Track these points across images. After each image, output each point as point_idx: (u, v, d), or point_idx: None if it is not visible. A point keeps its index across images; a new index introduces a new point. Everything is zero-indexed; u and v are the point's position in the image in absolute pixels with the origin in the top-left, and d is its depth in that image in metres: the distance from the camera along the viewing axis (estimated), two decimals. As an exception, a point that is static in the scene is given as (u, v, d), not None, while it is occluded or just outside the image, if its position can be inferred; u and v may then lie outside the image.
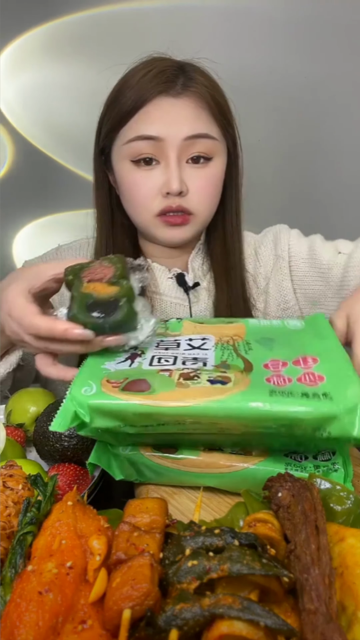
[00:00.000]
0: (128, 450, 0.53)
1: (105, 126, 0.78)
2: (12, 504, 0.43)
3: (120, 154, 0.76)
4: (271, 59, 1.26)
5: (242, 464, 0.51)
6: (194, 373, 0.48)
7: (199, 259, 0.88)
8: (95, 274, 0.53)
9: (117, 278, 0.52)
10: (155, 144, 0.73)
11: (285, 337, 0.55)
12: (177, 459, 0.52)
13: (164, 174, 0.75)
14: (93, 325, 0.50)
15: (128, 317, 0.51)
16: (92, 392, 0.47)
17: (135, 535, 0.38)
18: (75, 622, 0.33)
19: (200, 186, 0.76)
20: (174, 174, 0.73)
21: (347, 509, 0.42)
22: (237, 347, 0.53)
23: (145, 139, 0.73)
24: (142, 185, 0.76)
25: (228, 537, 0.36)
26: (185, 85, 0.73)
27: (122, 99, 0.74)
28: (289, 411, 0.43)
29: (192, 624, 0.31)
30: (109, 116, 0.77)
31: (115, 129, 0.76)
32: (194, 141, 0.74)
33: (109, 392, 0.46)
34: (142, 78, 0.73)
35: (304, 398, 0.44)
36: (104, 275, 0.53)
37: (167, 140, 0.73)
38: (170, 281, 0.86)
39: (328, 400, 0.44)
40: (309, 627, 0.31)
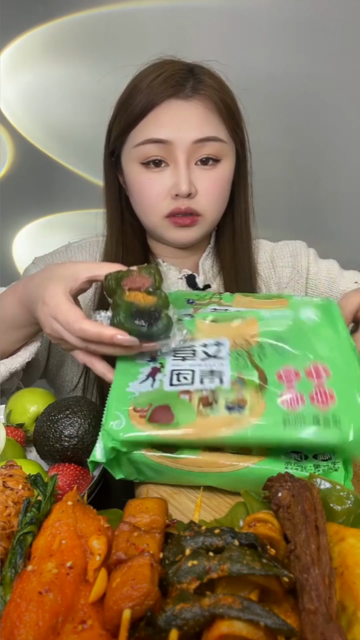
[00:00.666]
0: (129, 449, 0.53)
1: (116, 129, 0.79)
2: (12, 504, 0.43)
3: (130, 156, 0.77)
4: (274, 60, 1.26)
5: (242, 463, 0.51)
6: (212, 397, 0.51)
7: (209, 261, 0.89)
8: (135, 282, 0.56)
9: (155, 288, 0.56)
10: (165, 146, 0.74)
11: (298, 336, 0.57)
12: (177, 458, 0.52)
13: (173, 176, 0.76)
14: (137, 332, 0.53)
15: (166, 327, 0.54)
16: (122, 425, 0.51)
17: (135, 535, 0.38)
18: (75, 622, 0.33)
19: (208, 188, 0.77)
20: (183, 176, 0.74)
21: (347, 509, 0.42)
22: (251, 354, 0.55)
23: (155, 142, 0.74)
24: (151, 187, 0.77)
25: (228, 537, 0.36)
26: (195, 89, 0.74)
27: (132, 102, 0.75)
28: (300, 438, 0.47)
29: (192, 624, 0.31)
30: (119, 119, 0.78)
31: (125, 132, 0.77)
32: (203, 144, 0.75)
33: (137, 424, 0.50)
34: (152, 82, 0.74)
35: (315, 425, 0.48)
36: (142, 285, 0.56)
37: (176, 143, 0.74)
38: (180, 282, 0.87)
39: (337, 430, 0.47)
40: (309, 627, 0.31)
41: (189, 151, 0.74)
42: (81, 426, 0.58)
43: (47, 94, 1.42)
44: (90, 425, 0.59)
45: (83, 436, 0.58)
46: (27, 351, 0.72)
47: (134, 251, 0.86)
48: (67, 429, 0.58)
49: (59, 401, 0.63)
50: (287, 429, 0.48)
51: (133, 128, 0.76)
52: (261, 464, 0.50)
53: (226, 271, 0.88)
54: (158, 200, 0.77)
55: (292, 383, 0.51)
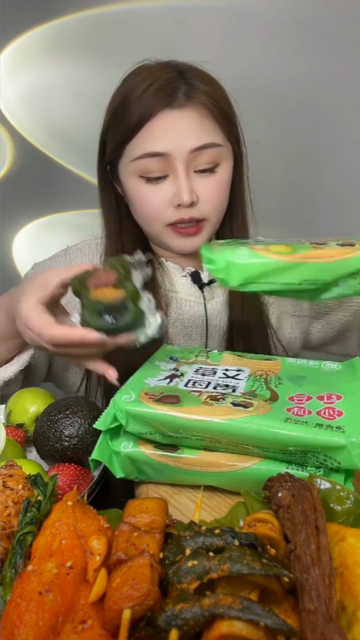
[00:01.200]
0: (129, 448, 0.53)
1: (110, 143, 0.78)
2: (12, 504, 0.43)
3: (128, 169, 0.77)
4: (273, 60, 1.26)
5: (242, 463, 0.51)
6: (220, 396, 0.54)
7: None
8: (100, 279, 0.56)
9: (121, 281, 0.56)
10: (163, 158, 0.74)
11: (318, 376, 0.61)
12: (177, 458, 0.52)
13: (173, 186, 0.75)
14: (106, 328, 0.54)
15: (136, 317, 0.55)
16: (131, 399, 0.53)
17: (135, 535, 0.38)
18: (75, 622, 0.33)
19: (210, 193, 0.77)
20: (184, 186, 0.74)
21: (347, 509, 0.42)
22: (268, 380, 0.59)
23: (152, 156, 0.73)
24: (152, 198, 0.76)
25: (228, 537, 0.36)
26: (188, 96, 0.73)
27: (125, 116, 0.74)
28: (299, 435, 0.47)
29: (192, 624, 0.31)
30: (113, 132, 0.77)
31: (120, 147, 0.76)
32: (201, 152, 0.74)
33: (144, 401, 0.53)
34: (144, 93, 0.72)
35: (317, 427, 0.48)
36: (108, 280, 0.56)
37: (174, 154, 0.73)
38: (184, 279, 0.87)
39: (340, 432, 0.47)
40: (309, 627, 0.31)
41: (187, 160, 0.74)
42: (81, 426, 0.58)
43: (47, 94, 1.42)
44: (90, 425, 0.59)
45: (83, 436, 0.58)
46: (20, 359, 0.73)
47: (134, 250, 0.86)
48: (67, 429, 0.58)
49: (59, 401, 0.63)
50: (286, 424, 0.48)
51: (129, 142, 0.75)
52: (261, 464, 0.50)
53: None
54: (160, 210, 0.77)
55: (303, 402, 0.53)
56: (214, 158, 0.76)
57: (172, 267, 0.87)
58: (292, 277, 0.50)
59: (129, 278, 0.57)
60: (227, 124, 0.77)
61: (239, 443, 0.50)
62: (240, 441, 0.50)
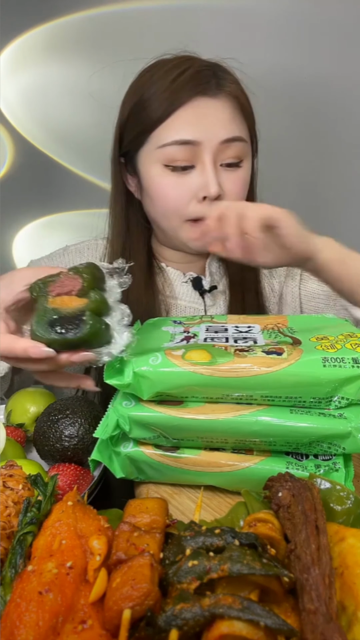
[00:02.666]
0: (129, 448, 0.53)
1: (131, 131, 0.76)
2: (12, 504, 0.43)
3: (152, 157, 0.74)
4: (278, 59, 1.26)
5: (243, 462, 0.51)
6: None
7: (215, 263, 0.88)
8: (64, 286, 0.50)
9: (86, 290, 0.50)
10: (191, 147, 0.72)
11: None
12: (177, 457, 0.52)
13: (199, 178, 0.73)
14: (54, 342, 0.47)
15: (94, 332, 0.47)
16: (132, 405, 0.51)
17: (136, 535, 0.38)
18: (75, 622, 0.33)
19: (234, 189, 0.75)
20: (212, 177, 0.72)
21: (347, 509, 0.42)
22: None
23: (182, 144, 0.71)
24: (175, 189, 0.74)
25: (228, 537, 0.36)
26: (219, 86, 0.72)
27: (152, 103, 0.72)
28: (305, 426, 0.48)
29: (192, 624, 0.31)
30: (134, 120, 0.75)
31: (145, 133, 0.74)
32: (229, 144, 0.73)
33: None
34: (177, 78, 0.71)
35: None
36: (73, 288, 0.50)
37: (204, 143, 0.71)
38: (185, 285, 0.86)
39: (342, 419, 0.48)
40: (309, 627, 0.31)
41: (216, 152, 0.72)
42: (81, 426, 0.58)
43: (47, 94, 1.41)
44: (90, 425, 0.59)
45: (83, 436, 0.58)
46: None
47: (138, 255, 0.84)
48: (68, 429, 0.58)
49: (59, 401, 0.63)
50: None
51: (155, 128, 0.72)
52: (262, 464, 0.50)
53: (232, 272, 0.87)
54: (182, 203, 0.74)
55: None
56: (239, 153, 0.75)
57: (173, 273, 0.86)
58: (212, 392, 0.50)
59: (100, 287, 0.51)
60: (250, 121, 0.77)
61: (245, 439, 0.50)
62: (246, 437, 0.50)
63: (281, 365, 0.48)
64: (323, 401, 0.49)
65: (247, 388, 0.49)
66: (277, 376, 0.48)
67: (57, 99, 1.42)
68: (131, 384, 0.50)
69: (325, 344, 0.51)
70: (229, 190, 0.75)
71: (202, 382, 0.49)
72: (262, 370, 0.48)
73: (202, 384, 0.49)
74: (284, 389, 0.48)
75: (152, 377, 0.49)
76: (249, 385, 0.48)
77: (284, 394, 0.49)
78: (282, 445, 0.50)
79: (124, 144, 0.78)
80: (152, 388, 0.49)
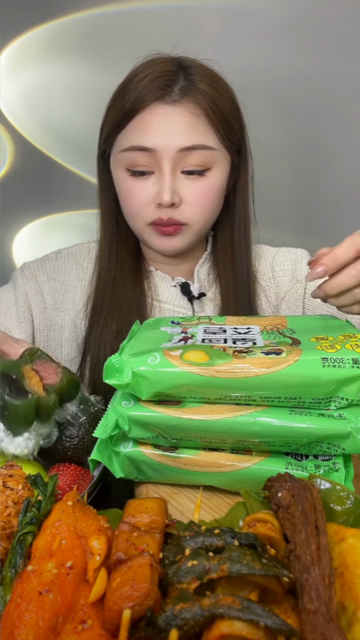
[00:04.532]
0: (129, 448, 0.53)
1: (105, 129, 0.77)
2: (12, 504, 0.43)
3: (116, 160, 0.76)
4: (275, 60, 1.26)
5: (242, 463, 0.51)
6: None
7: (205, 269, 0.87)
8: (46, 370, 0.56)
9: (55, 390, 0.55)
10: (150, 154, 0.72)
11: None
12: (177, 457, 0.52)
13: (157, 184, 0.73)
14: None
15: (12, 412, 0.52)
16: (131, 404, 0.51)
17: (135, 535, 0.38)
18: (75, 622, 0.33)
19: (194, 197, 0.74)
20: (167, 185, 0.71)
21: (347, 509, 0.42)
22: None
23: (140, 150, 0.71)
24: (135, 193, 0.75)
25: (228, 537, 0.36)
26: (183, 92, 0.70)
27: (119, 104, 0.73)
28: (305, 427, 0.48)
29: (192, 624, 0.31)
30: (109, 118, 0.76)
31: (112, 135, 0.75)
32: (189, 152, 0.71)
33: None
34: (140, 81, 0.71)
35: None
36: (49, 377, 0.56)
37: (161, 151, 0.71)
38: (173, 289, 0.85)
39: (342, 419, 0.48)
40: (309, 627, 0.31)
41: (175, 159, 0.71)
42: (81, 426, 0.58)
43: (47, 94, 1.42)
44: (90, 425, 0.59)
45: (83, 436, 0.58)
46: None
47: (128, 256, 0.84)
48: (68, 429, 0.58)
49: (59, 401, 0.63)
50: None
51: (120, 131, 0.73)
52: (261, 464, 0.50)
53: (223, 279, 0.85)
54: (142, 207, 0.75)
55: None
56: (204, 161, 0.72)
57: (161, 276, 0.85)
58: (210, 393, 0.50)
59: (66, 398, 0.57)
60: (225, 128, 0.74)
61: (244, 440, 0.50)
62: (246, 438, 0.49)
63: (280, 366, 0.48)
64: (323, 402, 0.49)
65: (246, 389, 0.49)
66: (277, 377, 0.48)
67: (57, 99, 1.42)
68: (130, 384, 0.50)
69: (325, 345, 0.51)
70: (189, 199, 0.74)
71: (200, 383, 0.49)
72: (261, 371, 0.48)
73: (200, 384, 0.49)
74: (283, 389, 0.48)
75: (150, 377, 0.49)
76: (248, 386, 0.48)
77: (284, 395, 0.49)
78: (281, 446, 0.50)
79: (101, 142, 0.79)
80: (151, 388, 0.49)
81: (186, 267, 0.86)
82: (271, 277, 0.89)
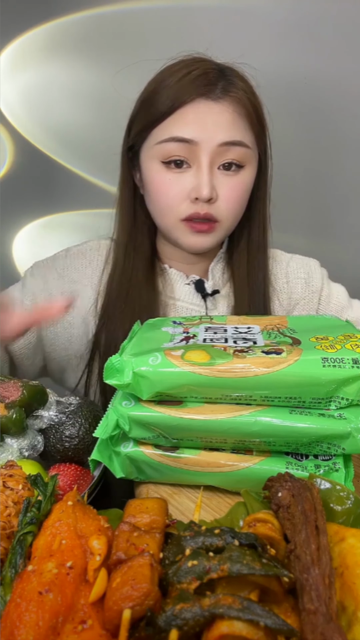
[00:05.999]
0: (129, 448, 0.53)
1: (137, 124, 0.77)
2: (12, 504, 0.43)
3: (150, 153, 0.75)
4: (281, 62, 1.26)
5: (242, 463, 0.51)
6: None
7: (220, 268, 0.87)
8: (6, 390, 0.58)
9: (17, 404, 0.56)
10: (189, 147, 0.72)
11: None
12: (177, 457, 0.52)
13: (194, 178, 0.73)
14: None
15: None
16: (131, 404, 0.51)
17: (135, 535, 0.38)
18: (75, 622, 0.33)
19: (229, 194, 0.75)
20: (205, 179, 0.72)
21: (347, 509, 0.42)
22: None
23: (179, 141, 0.72)
24: (170, 187, 0.74)
25: (228, 537, 0.36)
26: (225, 90, 0.72)
27: (158, 99, 0.73)
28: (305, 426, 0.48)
29: (192, 624, 0.31)
30: (142, 114, 0.76)
31: (148, 129, 0.75)
32: (228, 148, 0.72)
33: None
34: (182, 79, 0.72)
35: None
36: (9, 396, 0.57)
37: (201, 144, 0.71)
38: (186, 287, 0.85)
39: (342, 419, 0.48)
40: (309, 627, 0.31)
41: (213, 154, 0.72)
42: (82, 427, 0.58)
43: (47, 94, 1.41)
44: (90, 425, 0.59)
45: (84, 437, 0.58)
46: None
47: (141, 252, 0.84)
48: (68, 429, 0.58)
49: (59, 402, 0.63)
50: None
51: (157, 125, 0.73)
52: (261, 464, 0.50)
53: (238, 278, 0.86)
54: (176, 202, 0.75)
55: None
56: (240, 158, 0.74)
57: (175, 274, 0.86)
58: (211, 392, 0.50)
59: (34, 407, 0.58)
60: (258, 128, 0.76)
61: (244, 440, 0.50)
62: (246, 438, 0.49)
63: (280, 366, 0.48)
64: (323, 401, 0.49)
65: (246, 388, 0.49)
66: (277, 376, 0.48)
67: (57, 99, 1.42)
68: (131, 384, 0.50)
69: (325, 344, 0.51)
70: (224, 195, 0.75)
71: (201, 383, 0.49)
72: (261, 370, 0.48)
73: (201, 384, 0.49)
74: (283, 389, 0.48)
75: (151, 377, 0.49)
76: (248, 385, 0.48)
77: (284, 394, 0.49)
78: (281, 446, 0.50)
79: (130, 137, 0.79)
80: (151, 388, 0.50)
81: (201, 265, 0.87)
82: (285, 282, 0.91)
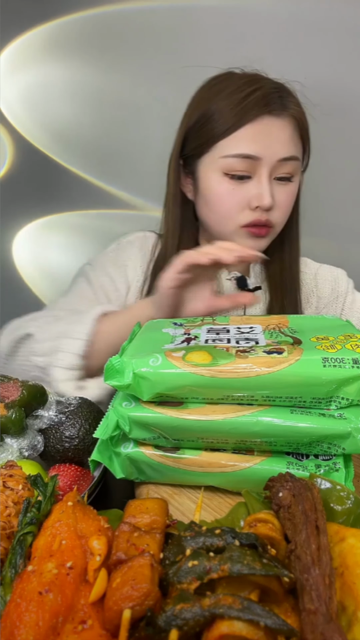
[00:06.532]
0: (129, 448, 0.53)
1: (195, 139, 0.82)
2: (12, 504, 0.43)
3: (213, 166, 0.80)
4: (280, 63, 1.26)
5: (243, 463, 0.51)
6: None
7: (258, 266, 0.94)
8: (6, 390, 0.58)
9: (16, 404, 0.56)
10: (252, 161, 0.78)
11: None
12: (178, 458, 0.52)
13: (254, 189, 0.79)
14: None
15: None
16: (132, 405, 0.51)
17: (136, 535, 0.38)
18: (75, 622, 0.33)
19: (284, 202, 0.82)
20: (267, 190, 0.79)
21: (347, 509, 0.42)
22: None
23: (244, 157, 0.78)
24: (232, 197, 0.80)
25: (228, 537, 0.36)
26: (284, 106, 0.78)
27: (221, 115, 0.78)
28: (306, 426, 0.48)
29: (192, 624, 0.31)
30: (200, 130, 0.80)
31: (210, 143, 0.80)
32: (286, 162, 0.79)
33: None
34: (248, 97, 0.76)
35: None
36: (9, 396, 0.57)
37: (264, 159, 0.78)
38: (227, 282, 0.91)
39: (342, 419, 0.48)
40: (309, 627, 0.31)
41: (273, 167, 0.79)
42: (82, 427, 0.58)
43: (47, 94, 1.42)
44: (91, 426, 0.59)
45: (84, 437, 0.58)
46: None
47: None
48: (68, 429, 0.58)
49: (59, 402, 0.63)
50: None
51: (221, 140, 0.78)
52: (262, 464, 0.50)
53: (273, 279, 0.93)
54: (236, 210, 0.81)
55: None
56: (293, 170, 0.81)
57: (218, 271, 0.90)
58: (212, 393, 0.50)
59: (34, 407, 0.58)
60: (305, 142, 0.83)
61: (246, 440, 0.50)
62: (247, 438, 0.49)
63: (282, 365, 0.48)
64: (323, 401, 0.49)
65: (248, 388, 0.49)
66: (278, 376, 0.48)
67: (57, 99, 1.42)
68: (131, 385, 0.50)
69: (326, 344, 0.51)
70: (280, 203, 0.82)
71: (203, 383, 0.49)
72: (263, 370, 0.48)
73: (203, 385, 0.49)
74: (284, 389, 0.48)
75: (152, 378, 0.49)
76: (250, 385, 0.48)
77: (285, 394, 0.49)
78: (282, 446, 0.50)
79: (186, 148, 0.84)
80: (152, 389, 0.49)
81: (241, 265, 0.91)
82: (314, 285, 0.98)
